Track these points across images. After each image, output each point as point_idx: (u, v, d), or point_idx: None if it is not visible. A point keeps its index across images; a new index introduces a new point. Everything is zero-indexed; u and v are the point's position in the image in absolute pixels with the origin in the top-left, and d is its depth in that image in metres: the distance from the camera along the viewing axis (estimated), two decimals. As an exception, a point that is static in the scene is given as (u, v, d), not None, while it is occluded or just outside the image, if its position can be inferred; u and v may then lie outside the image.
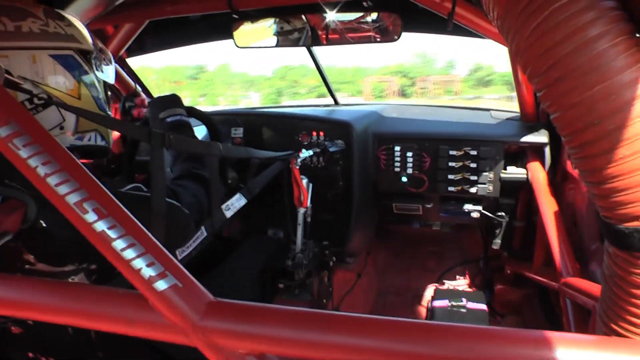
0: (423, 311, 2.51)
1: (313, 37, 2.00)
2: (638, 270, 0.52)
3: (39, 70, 1.00)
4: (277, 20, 1.99)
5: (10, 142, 0.63)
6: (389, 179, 2.05)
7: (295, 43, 2.02)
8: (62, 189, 0.64)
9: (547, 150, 1.87)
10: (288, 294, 1.83)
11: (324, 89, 2.69)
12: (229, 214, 1.34)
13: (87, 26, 1.17)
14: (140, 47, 2.28)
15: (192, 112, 1.60)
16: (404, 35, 1.82)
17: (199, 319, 0.64)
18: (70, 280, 0.98)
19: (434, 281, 2.59)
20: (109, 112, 1.24)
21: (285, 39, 2.02)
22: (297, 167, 1.68)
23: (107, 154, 1.24)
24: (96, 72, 1.15)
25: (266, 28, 2.03)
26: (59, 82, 1.05)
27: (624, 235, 0.52)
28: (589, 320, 1.29)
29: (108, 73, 1.22)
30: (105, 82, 1.22)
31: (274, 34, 2.03)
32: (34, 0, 1.09)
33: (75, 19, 1.14)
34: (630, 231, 0.51)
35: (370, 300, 2.64)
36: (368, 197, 2.10)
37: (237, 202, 1.40)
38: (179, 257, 1.11)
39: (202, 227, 1.20)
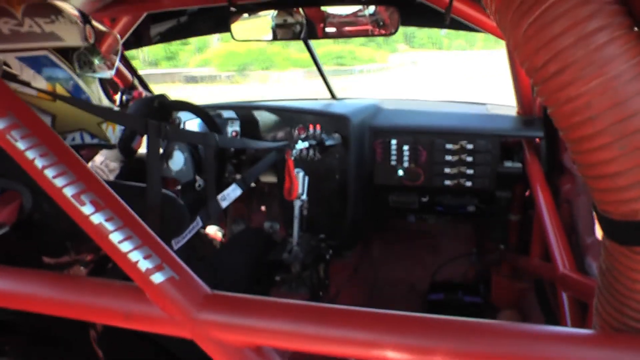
0: (419, 304, 2.52)
1: (310, 30, 2.00)
2: (637, 265, 0.52)
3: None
4: (275, 13, 1.98)
5: (8, 134, 0.64)
6: (385, 172, 2.05)
7: (293, 36, 2.02)
8: (60, 181, 0.64)
9: (544, 143, 1.87)
10: (284, 287, 1.83)
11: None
12: (224, 204, 1.35)
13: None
14: (138, 40, 2.27)
15: (187, 107, 1.60)
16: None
17: (196, 312, 0.64)
18: (66, 272, 0.98)
19: (430, 274, 2.59)
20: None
21: (282, 31, 2.02)
22: (293, 159, 1.68)
23: (108, 148, 1.20)
24: (78, 70, 1.05)
25: (263, 21, 2.02)
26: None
27: (623, 229, 0.52)
28: (586, 314, 1.30)
29: (103, 69, 1.14)
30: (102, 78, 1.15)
31: (272, 27, 2.02)
32: None
33: (72, 10, 1.06)
34: (629, 226, 0.51)
35: (366, 293, 2.65)
36: (364, 191, 2.10)
37: (232, 192, 1.41)
38: (175, 248, 1.11)
39: (198, 217, 1.21)
